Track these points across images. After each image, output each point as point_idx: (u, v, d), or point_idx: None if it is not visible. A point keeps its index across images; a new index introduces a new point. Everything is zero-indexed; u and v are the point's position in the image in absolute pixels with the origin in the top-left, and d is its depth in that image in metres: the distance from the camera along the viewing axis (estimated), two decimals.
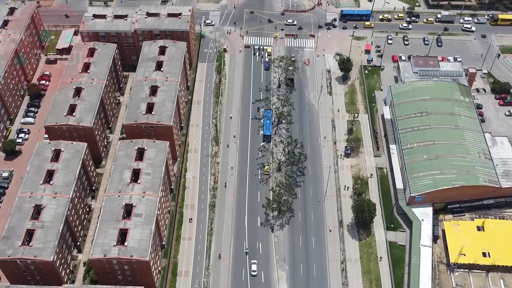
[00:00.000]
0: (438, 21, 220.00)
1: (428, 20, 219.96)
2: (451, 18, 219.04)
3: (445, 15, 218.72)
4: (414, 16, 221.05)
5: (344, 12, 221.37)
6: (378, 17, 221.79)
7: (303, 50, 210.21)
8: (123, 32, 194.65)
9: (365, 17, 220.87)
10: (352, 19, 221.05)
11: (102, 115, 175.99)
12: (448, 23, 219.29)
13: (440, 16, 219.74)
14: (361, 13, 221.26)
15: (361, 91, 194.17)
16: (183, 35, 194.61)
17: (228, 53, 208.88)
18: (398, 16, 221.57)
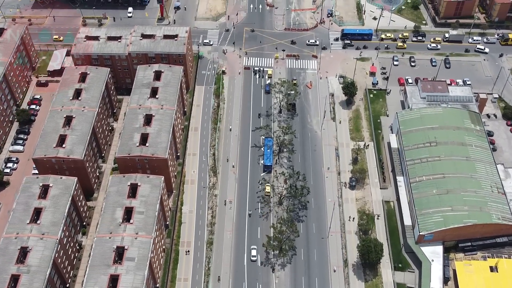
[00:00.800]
0: (446, 41, 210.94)
1: (435, 39, 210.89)
2: (460, 37, 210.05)
3: (453, 35, 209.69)
4: (420, 35, 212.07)
5: (345, 32, 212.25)
6: (380, 37, 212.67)
7: (305, 72, 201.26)
8: (117, 55, 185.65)
9: (367, 37, 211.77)
10: (353, 38, 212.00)
11: (94, 145, 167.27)
12: (456, 43, 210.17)
13: (448, 35, 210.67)
14: (363, 32, 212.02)
15: (366, 117, 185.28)
16: (179, 58, 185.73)
17: (227, 75, 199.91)
18: (402, 36, 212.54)
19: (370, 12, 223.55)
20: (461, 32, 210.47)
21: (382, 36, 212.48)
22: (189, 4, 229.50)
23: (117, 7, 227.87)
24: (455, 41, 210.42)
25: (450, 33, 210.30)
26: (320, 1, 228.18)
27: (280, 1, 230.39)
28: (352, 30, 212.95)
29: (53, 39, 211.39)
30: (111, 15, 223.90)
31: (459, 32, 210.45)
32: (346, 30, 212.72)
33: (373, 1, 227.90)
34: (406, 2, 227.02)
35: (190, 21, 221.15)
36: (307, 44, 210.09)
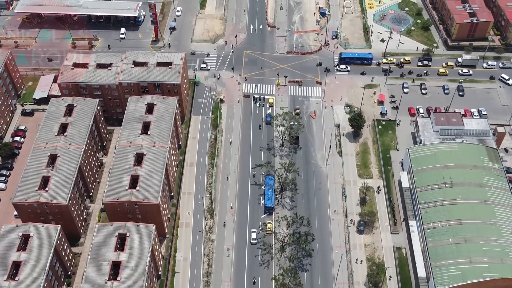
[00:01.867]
0: (459, 66, 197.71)
1: (447, 64, 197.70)
2: (474, 62, 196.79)
3: (466, 59, 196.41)
4: (426, 59, 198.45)
5: (343, 55, 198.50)
6: (382, 61, 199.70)
7: (308, 100, 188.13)
8: (107, 84, 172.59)
9: (366, 61, 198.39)
10: (352, 62, 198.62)
11: (80, 185, 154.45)
12: (470, 68, 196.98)
13: (461, 60, 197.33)
14: (362, 56, 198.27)
15: (374, 151, 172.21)
16: (174, 88, 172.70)
17: (225, 104, 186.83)
18: (404, 60, 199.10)
19: (378, 33, 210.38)
20: (475, 57, 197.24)
21: (384, 60, 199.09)
22: (186, 24, 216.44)
23: (109, 27, 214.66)
24: (468, 66, 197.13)
25: (463, 58, 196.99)
26: (324, 22, 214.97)
27: (282, 21, 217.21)
28: (351, 54, 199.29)
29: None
30: (102, 36, 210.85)
31: (472, 57, 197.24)
32: (344, 54, 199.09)
33: (380, 22, 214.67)
34: (416, 23, 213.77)
35: (186, 43, 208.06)
36: (337, 70, 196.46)
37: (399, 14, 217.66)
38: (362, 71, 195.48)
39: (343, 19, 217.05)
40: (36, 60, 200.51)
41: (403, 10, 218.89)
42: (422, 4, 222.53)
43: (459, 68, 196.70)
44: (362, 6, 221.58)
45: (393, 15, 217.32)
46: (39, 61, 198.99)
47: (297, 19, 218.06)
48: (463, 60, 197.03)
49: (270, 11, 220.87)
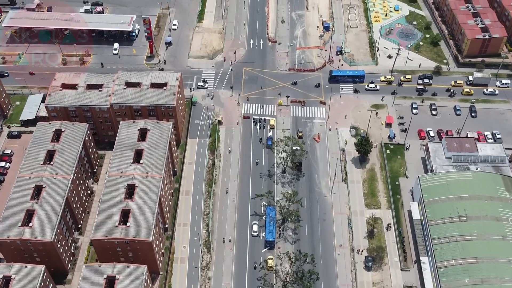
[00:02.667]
0: (469, 84, 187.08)
1: (456, 83, 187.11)
2: (485, 80, 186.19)
3: (478, 78, 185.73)
4: (427, 77, 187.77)
5: (334, 73, 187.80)
6: (380, 79, 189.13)
7: (312, 121, 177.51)
8: (97, 107, 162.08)
9: (358, 79, 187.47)
10: (343, 81, 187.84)
11: (68, 217, 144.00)
12: (481, 86, 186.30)
13: (472, 78, 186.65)
14: (353, 74, 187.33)
15: (382, 179, 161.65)
16: (169, 111, 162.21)
17: (224, 126, 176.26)
18: (405, 78, 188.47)
19: (384, 49, 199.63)
20: (486, 75, 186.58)
21: (382, 78, 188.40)
22: (182, 38, 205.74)
23: (101, 42, 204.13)
24: (479, 85, 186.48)
25: (474, 76, 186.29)
26: (328, 36, 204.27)
27: (284, 35, 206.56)
28: (342, 72, 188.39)
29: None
30: (95, 51, 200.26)
31: (484, 75, 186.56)
32: (335, 72, 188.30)
33: (387, 36, 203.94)
34: (424, 38, 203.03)
35: (182, 59, 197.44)
36: (366, 89, 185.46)
37: (406, 28, 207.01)
38: (355, 89, 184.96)
39: (347, 34, 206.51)
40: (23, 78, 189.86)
41: (411, 24, 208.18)
42: (430, 17, 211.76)
43: (469, 87, 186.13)
44: (368, 19, 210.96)
45: (401, 29, 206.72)
46: (26, 80, 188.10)
47: (299, 33, 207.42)
48: (474, 78, 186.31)
49: (271, 25, 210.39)
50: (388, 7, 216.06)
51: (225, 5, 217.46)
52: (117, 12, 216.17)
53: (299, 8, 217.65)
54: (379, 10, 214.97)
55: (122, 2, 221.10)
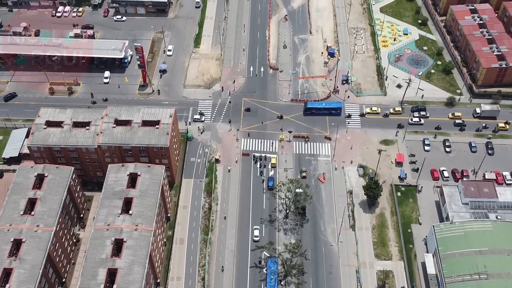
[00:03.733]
0: (477, 117, 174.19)
1: (454, 115, 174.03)
2: (494, 113, 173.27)
3: (486, 110, 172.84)
4: (420, 109, 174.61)
5: (309, 106, 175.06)
6: (365, 111, 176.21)
7: (316, 159, 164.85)
8: (84, 147, 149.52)
9: (335, 111, 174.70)
10: (319, 113, 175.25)
11: (50, 273, 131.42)
12: (490, 120, 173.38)
13: (479, 110, 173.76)
14: (330, 106, 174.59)
15: (393, 225, 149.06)
16: (161, 152, 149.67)
17: (221, 164, 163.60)
18: (394, 111, 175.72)
19: (393, 77, 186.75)
20: (495, 107, 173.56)
21: (368, 109, 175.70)
22: (178, 65, 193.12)
23: (92, 69, 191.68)
24: (488, 118, 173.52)
25: (482, 108, 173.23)
26: (333, 63, 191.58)
27: (286, 62, 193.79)
28: (317, 104, 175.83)
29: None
30: (84, 80, 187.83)
31: (493, 107, 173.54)
32: (310, 104, 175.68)
33: (396, 63, 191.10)
34: (436, 65, 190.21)
35: (177, 89, 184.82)
36: (409, 123, 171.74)
37: (417, 54, 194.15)
38: (347, 114, 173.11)
39: (354, 60, 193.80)
40: (8, 109, 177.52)
41: (421, 50, 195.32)
42: (442, 42, 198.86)
43: (476, 120, 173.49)
44: (375, 44, 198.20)
45: (410, 56, 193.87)
46: (8, 112, 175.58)
47: (302, 59, 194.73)
48: (481, 111, 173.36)
49: (272, 50, 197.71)
50: (396, 30, 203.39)
51: (223, 29, 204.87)
52: (108, 36, 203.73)
53: (302, 31, 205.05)
54: (387, 34, 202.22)
55: (114, 25, 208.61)
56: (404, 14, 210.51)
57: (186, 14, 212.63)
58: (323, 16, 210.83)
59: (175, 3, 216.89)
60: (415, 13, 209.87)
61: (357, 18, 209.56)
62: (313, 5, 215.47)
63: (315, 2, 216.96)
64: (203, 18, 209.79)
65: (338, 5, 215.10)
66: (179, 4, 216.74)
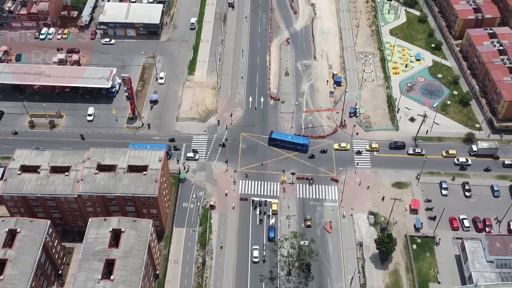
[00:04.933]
0: (473, 155, 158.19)
1: (448, 153, 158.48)
2: (492, 151, 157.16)
3: (483, 148, 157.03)
4: (399, 146, 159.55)
5: (273, 136, 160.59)
6: (333, 147, 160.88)
7: (322, 205, 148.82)
8: (63, 196, 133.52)
9: (300, 147, 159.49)
10: (283, 146, 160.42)
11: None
12: (489, 158, 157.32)
13: (476, 148, 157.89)
14: (296, 141, 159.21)
15: (409, 284, 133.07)
16: (149, 201, 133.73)
17: (217, 211, 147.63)
18: (371, 147, 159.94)
19: (406, 109, 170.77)
20: (493, 144, 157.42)
21: (335, 146, 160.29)
22: (170, 95, 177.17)
23: (76, 100, 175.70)
24: (486, 156, 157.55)
25: (479, 146, 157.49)
26: (339, 93, 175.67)
27: (288, 91, 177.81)
28: (283, 136, 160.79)
29: None
30: (67, 111, 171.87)
31: (491, 145, 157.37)
32: (275, 134, 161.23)
33: (408, 93, 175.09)
34: (452, 95, 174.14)
35: (169, 122, 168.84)
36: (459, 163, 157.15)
37: (431, 83, 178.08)
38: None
39: (362, 89, 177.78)
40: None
41: (435, 78, 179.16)
42: (458, 69, 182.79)
43: (473, 158, 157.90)
44: (385, 71, 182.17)
45: (424, 85, 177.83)
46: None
47: (306, 88, 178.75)
48: (478, 148, 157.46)
49: (273, 78, 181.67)
50: (408, 56, 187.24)
51: (220, 53, 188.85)
52: (95, 61, 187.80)
53: (305, 56, 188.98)
54: (398, 59, 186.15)
55: (102, 48, 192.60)
56: (416, 37, 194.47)
57: (180, 36, 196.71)
58: (328, 39, 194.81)
59: (168, 24, 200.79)
60: (427, 36, 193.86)
61: (365, 42, 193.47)
62: (318, 27, 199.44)
63: (319, 24, 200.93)
64: (198, 41, 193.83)
65: (344, 27, 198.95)
66: (173, 26, 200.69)
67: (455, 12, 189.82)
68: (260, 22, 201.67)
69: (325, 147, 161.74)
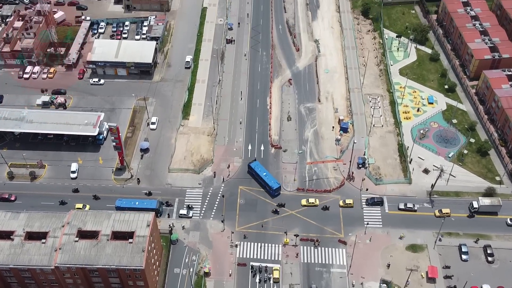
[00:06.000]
0: (474, 212, 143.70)
1: (442, 212, 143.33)
2: (495, 208, 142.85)
3: (484, 205, 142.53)
4: (377, 201, 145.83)
5: (252, 165, 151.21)
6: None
7: (329, 271, 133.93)
8: (38, 268, 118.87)
9: (269, 189, 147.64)
10: (257, 180, 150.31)
11: None
12: (490, 215, 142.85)
13: (477, 205, 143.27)
14: (267, 181, 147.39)
15: None
16: (135, 274, 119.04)
17: (212, 279, 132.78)
18: (344, 203, 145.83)
19: (419, 159, 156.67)
20: (495, 201, 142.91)
21: (340, 203, 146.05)
22: (162, 142, 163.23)
23: (60, 147, 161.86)
24: (488, 213, 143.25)
25: (480, 203, 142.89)
26: (346, 141, 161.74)
27: (291, 138, 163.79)
28: (260, 169, 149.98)
29: None
30: (50, 161, 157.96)
31: (493, 201, 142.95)
32: (254, 165, 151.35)
33: (420, 141, 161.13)
34: (469, 144, 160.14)
35: (161, 174, 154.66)
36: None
37: (445, 130, 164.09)
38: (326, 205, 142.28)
39: (371, 136, 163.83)
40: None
41: (450, 124, 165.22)
42: (474, 113, 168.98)
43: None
44: (396, 115, 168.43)
45: (438, 131, 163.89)
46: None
47: (310, 135, 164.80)
48: (479, 205, 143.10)
49: (274, 123, 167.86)
50: (420, 98, 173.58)
51: (217, 95, 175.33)
52: (83, 103, 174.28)
53: (309, 99, 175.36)
54: (409, 102, 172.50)
55: (90, 89, 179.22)
56: (428, 77, 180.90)
57: (174, 76, 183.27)
58: (333, 79, 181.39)
59: (161, 63, 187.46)
60: (440, 76, 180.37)
61: (373, 82, 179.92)
62: (322, 65, 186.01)
63: (324, 62, 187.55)
64: (194, 82, 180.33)
65: (350, 66, 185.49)
66: (167, 64, 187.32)
67: (469, 51, 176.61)
68: (260, 60, 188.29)
69: (330, 203, 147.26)
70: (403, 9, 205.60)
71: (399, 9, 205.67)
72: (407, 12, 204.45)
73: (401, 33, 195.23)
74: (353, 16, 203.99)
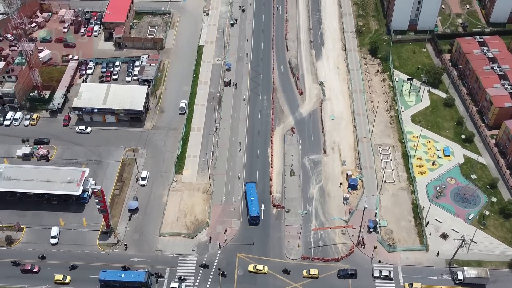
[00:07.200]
0: (459, 284, 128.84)
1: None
2: (482, 280, 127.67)
3: (470, 277, 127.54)
4: (350, 274, 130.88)
5: (248, 185, 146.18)
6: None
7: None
8: None
9: (250, 218, 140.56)
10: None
11: None
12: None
13: (462, 276, 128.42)
14: (250, 207, 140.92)
15: None
16: None
17: None
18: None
19: (436, 222, 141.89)
20: (483, 273, 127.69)
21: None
22: (153, 201, 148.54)
23: (40, 207, 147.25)
24: (474, 286, 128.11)
25: (466, 274, 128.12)
26: (355, 200, 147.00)
27: (294, 196, 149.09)
28: (251, 192, 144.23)
29: None
30: (29, 223, 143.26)
31: (480, 273, 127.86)
32: (249, 186, 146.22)
33: (437, 200, 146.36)
34: (491, 203, 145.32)
35: (151, 238, 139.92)
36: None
37: (464, 187, 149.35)
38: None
39: (382, 193, 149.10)
40: None
41: (470, 181, 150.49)
42: (495, 167, 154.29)
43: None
44: (409, 170, 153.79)
45: (456, 189, 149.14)
46: None
47: (315, 192, 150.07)
48: (465, 277, 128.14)
49: (276, 178, 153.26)
50: (435, 150, 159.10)
51: (213, 147, 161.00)
52: (67, 154, 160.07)
53: (314, 150, 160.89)
54: (423, 154, 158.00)
55: (76, 138, 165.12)
56: (443, 125, 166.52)
57: (167, 123, 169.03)
58: (340, 127, 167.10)
59: (154, 108, 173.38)
60: (456, 124, 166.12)
61: (383, 131, 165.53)
62: (327, 111, 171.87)
63: (329, 107, 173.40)
64: (189, 130, 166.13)
65: (358, 112, 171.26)
66: (159, 109, 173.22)
67: (488, 98, 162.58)
68: (261, 105, 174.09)
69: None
70: (413, 48, 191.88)
71: (410, 48, 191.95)
72: (418, 51, 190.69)
73: (412, 74, 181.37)
74: (360, 55, 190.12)
